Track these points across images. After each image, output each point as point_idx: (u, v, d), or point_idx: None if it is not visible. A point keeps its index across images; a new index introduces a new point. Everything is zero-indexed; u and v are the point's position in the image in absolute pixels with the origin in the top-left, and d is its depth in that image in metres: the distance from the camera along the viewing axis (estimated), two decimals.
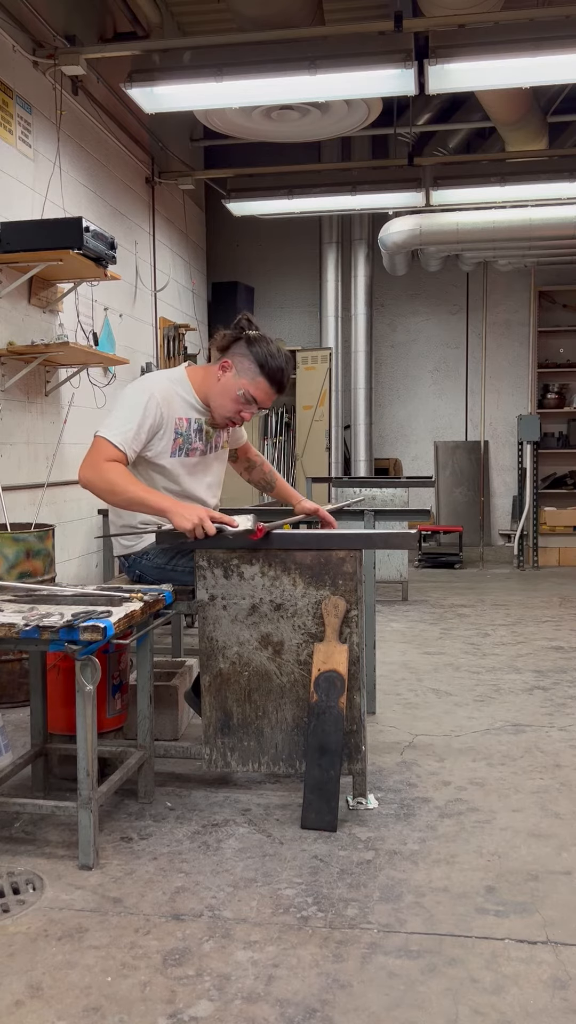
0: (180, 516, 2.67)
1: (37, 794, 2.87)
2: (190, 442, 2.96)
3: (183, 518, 2.66)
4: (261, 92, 5.02)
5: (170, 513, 2.68)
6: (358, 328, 8.80)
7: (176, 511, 2.68)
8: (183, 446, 2.94)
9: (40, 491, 4.83)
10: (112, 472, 2.74)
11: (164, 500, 2.73)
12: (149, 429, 2.83)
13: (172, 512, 2.68)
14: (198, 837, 2.58)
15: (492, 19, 4.76)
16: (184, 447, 2.94)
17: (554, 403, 8.96)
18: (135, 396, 2.86)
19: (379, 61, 4.66)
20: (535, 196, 7.26)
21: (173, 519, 2.68)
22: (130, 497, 2.73)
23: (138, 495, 2.72)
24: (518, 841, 2.55)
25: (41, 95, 5.05)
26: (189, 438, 2.95)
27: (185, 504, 2.74)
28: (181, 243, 8.00)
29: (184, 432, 2.93)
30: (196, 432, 2.98)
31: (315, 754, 2.66)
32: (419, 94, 4.95)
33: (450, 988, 1.85)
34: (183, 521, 2.65)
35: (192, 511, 2.68)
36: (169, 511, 2.69)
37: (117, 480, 2.73)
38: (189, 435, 2.95)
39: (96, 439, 2.80)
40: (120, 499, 2.76)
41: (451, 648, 5.00)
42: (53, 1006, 1.80)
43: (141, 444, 2.83)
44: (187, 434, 2.94)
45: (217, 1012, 1.78)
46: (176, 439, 2.91)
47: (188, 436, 2.95)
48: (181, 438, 2.93)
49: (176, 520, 2.67)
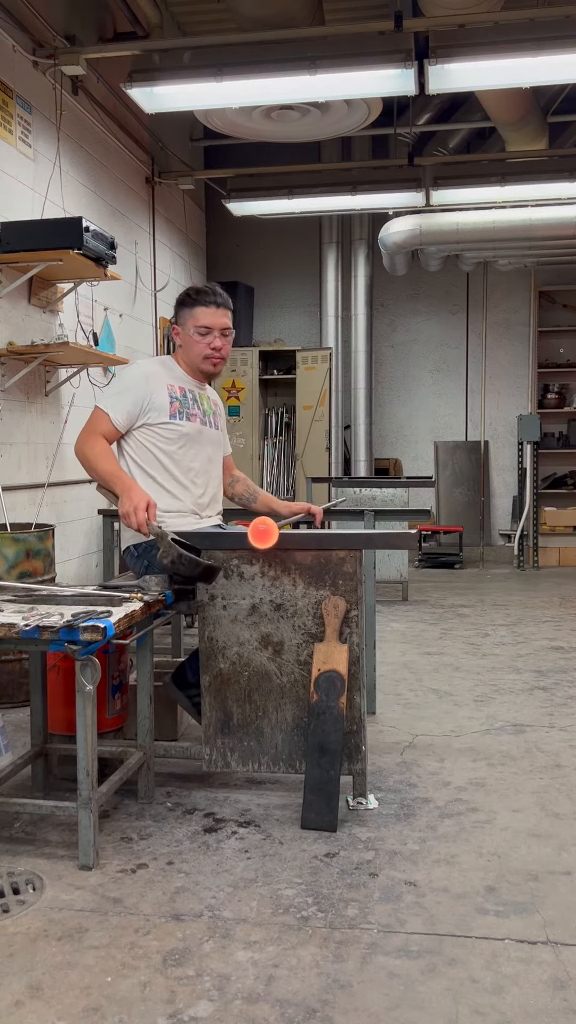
0: (124, 498, 2.80)
1: (37, 794, 2.87)
2: (187, 407, 3.10)
3: (125, 502, 2.79)
4: (261, 92, 5.02)
5: (120, 496, 2.84)
6: (358, 328, 8.80)
7: (124, 494, 2.81)
8: (181, 410, 3.08)
9: (40, 491, 4.83)
10: (94, 447, 2.95)
11: (121, 481, 2.87)
12: (133, 403, 3.01)
13: (121, 494, 2.83)
14: (198, 837, 2.58)
15: (492, 19, 4.76)
16: (183, 411, 3.08)
17: (554, 403, 8.95)
18: (129, 371, 3.18)
19: (379, 61, 4.66)
20: (535, 196, 7.25)
21: (120, 501, 2.82)
22: (99, 471, 2.92)
23: (105, 469, 2.91)
24: (518, 841, 2.55)
25: (41, 95, 5.04)
26: (186, 403, 3.11)
27: (136, 490, 2.83)
28: (181, 243, 7.99)
29: (179, 397, 3.09)
30: (192, 400, 3.14)
31: (315, 754, 2.66)
32: (419, 94, 4.95)
33: (450, 988, 1.85)
34: (122, 504, 2.80)
35: (136, 498, 2.78)
36: (120, 493, 2.84)
37: (94, 455, 2.94)
38: (185, 400, 3.10)
39: (93, 410, 3.04)
40: (92, 472, 2.97)
41: (451, 648, 5.00)
42: (53, 1006, 1.80)
43: (127, 414, 3.01)
44: (183, 399, 3.10)
45: (217, 1012, 1.78)
46: (172, 403, 3.06)
47: (184, 401, 3.10)
48: (178, 402, 3.08)
49: (120, 503, 2.82)
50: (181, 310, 3.14)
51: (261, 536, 2.69)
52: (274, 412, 8.84)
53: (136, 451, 3.05)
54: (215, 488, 3.21)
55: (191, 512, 3.07)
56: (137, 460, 3.05)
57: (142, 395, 3.01)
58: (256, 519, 2.74)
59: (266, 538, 2.69)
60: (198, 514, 3.09)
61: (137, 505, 2.76)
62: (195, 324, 3.09)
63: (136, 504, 2.76)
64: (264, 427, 8.66)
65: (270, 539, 2.69)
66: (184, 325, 3.13)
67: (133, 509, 2.76)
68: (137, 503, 2.76)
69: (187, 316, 3.11)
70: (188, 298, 3.13)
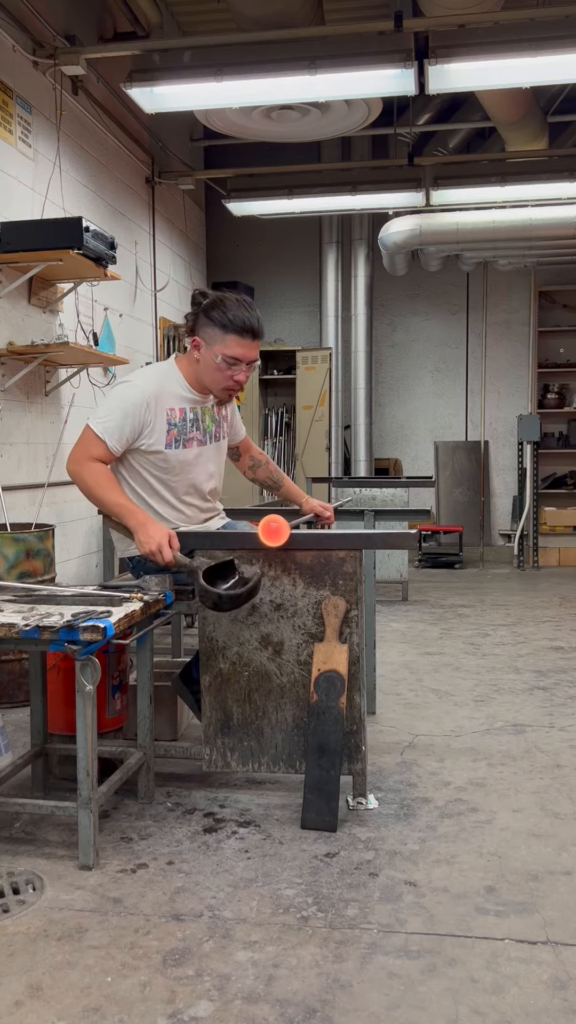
0: (143, 537, 2.63)
1: (37, 794, 2.87)
2: (185, 433, 2.91)
3: (145, 540, 2.63)
4: (261, 92, 5.02)
5: (135, 532, 2.66)
6: (358, 328, 8.80)
7: (141, 530, 2.65)
8: (179, 437, 2.89)
9: (40, 491, 4.83)
10: (93, 473, 2.76)
11: (134, 516, 2.69)
12: (131, 430, 2.80)
13: (137, 531, 2.66)
14: (198, 837, 2.58)
15: (492, 19, 4.76)
16: (180, 439, 2.90)
17: (554, 403, 8.95)
18: (124, 392, 2.84)
19: (379, 61, 4.66)
20: (535, 196, 7.26)
21: (137, 538, 2.66)
22: (105, 502, 2.74)
23: (113, 501, 2.72)
24: (518, 841, 2.55)
25: (41, 95, 5.05)
26: (184, 428, 2.91)
27: (153, 525, 2.68)
28: (181, 243, 8.00)
29: (178, 423, 2.89)
30: (192, 423, 2.93)
31: (315, 754, 2.66)
32: (419, 94, 4.95)
33: (450, 988, 1.85)
34: (143, 545, 2.63)
35: (156, 534, 2.63)
36: (135, 529, 2.66)
37: (95, 483, 2.75)
38: (184, 426, 2.91)
39: (85, 430, 2.81)
40: (97, 502, 2.78)
41: (451, 648, 5.00)
42: (53, 1006, 1.80)
43: (125, 441, 2.81)
44: (181, 425, 2.90)
45: (217, 1012, 1.78)
46: (170, 431, 2.86)
47: (183, 427, 2.90)
48: (175, 429, 2.88)
49: (138, 540, 2.65)
50: (211, 328, 2.83)
51: (272, 534, 2.67)
52: (274, 412, 8.85)
53: (128, 472, 2.92)
54: (212, 502, 3.10)
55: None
56: (129, 481, 2.92)
57: (140, 423, 2.80)
58: (267, 517, 2.70)
59: (277, 536, 2.67)
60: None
61: (161, 543, 2.61)
62: (224, 352, 2.81)
63: (160, 542, 2.61)
64: (264, 427, 8.66)
65: (281, 537, 2.67)
66: (210, 345, 2.83)
67: (158, 548, 2.60)
68: (161, 541, 2.61)
69: (216, 338, 2.82)
70: (222, 316, 2.80)
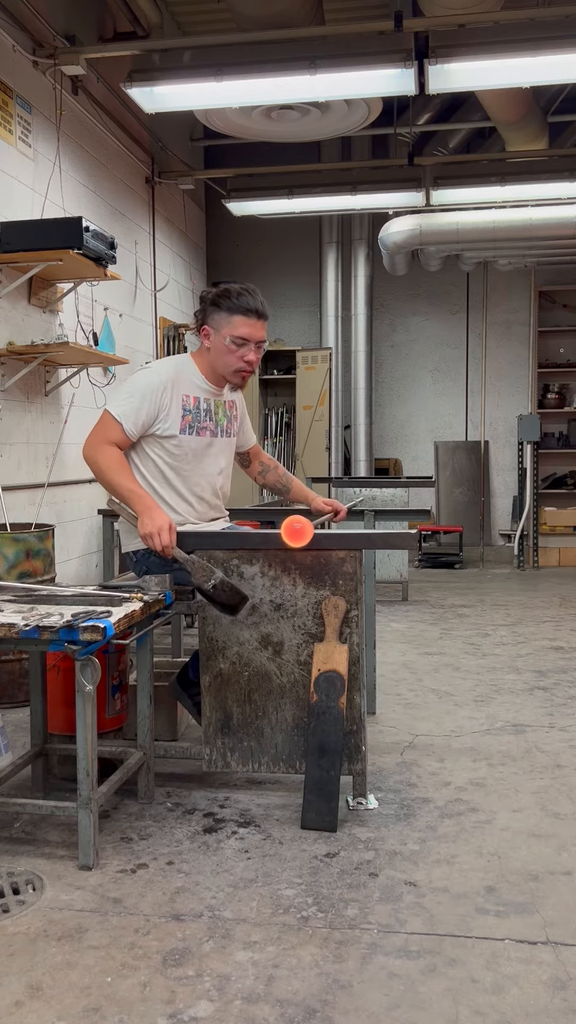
0: (146, 519, 2.69)
1: (37, 794, 2.87)
2: (199, 421, 2.98)
3: (147, 523, 2.68)
4: (261, 92, 5.02)
5: (140, 515, 2.72)
6: (358, 328, 8.80)
7: (145, 514, 2.70)
8: (192, 424, 2.95)
9: (40, 491, 4.83)
10: (108, 457, 2.82)
11: (141, 501, 2.75)
12: (147, 414, 2.86)
13: (141, 514, 2.72)
14: (198, 837, 2.58)
15: (492, 19, 4.76)
16: (194, 425, 2.96)
17: (554, 403, 8.95)
18: (142, 376, 2.94)
19: (379, 61, 4.66)
20: (535, 196, 7.26)
21: (140, 521, 2.71)
22: (115, 485, 2.80)
23: (123, 485, 2.78)
24: (518, 841, 2.55)
25: (41, 95, 5.04)
26: (198, 416, 2.97)
27: (158, 511, 2.73)
28: (181, 243, 8.00)
29: (192, 410, 2.95)
30: (206, 412, 3.00)
31: (315, 754, 2.66)
32: (419, 94, 4.95)
33: (450, 988, 1.85)
34: (144, 526, 2.69)
35: (158, 520, 2.68)
36: (140, 513, 2.72)
37: (108, 466, 2.80)
38: (198, 414, 2.97)
39: (103, 414, 2.88)
40: (108, 485, 2.84)
41: (451, 648, 5.00)
42: (53, 1006, 1.80)
43: (141, 425, 2.87)
44: (195, 412, 2.96)
45: (217, 1012, 1.78)
46: (185, 416, 2.93)
47: (197, 414, 2.97)
48: (190, 415, 2.94)
49: (140, 523, 2.71)
50: (216, 313, 2.91)
51: (296, 535, 2.66)
52: (274, 412, 8.84)
53: (141, 461, 2.96)
54: (221, 498, 3.14)
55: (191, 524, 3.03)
56: (141, 470, 2.96)
57: (158, 406, 2.87)
58: (291, 517, 2.70)
59: (301, 537, 2.67)
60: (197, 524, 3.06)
61: (161, 527, 2.66)
62: (232, 333, 2.88)
63: (159, 526, 2.66)
64: (264, 427, 8.66)
65: (304, 538, 2.67)
66: (218, 330, 2.91)
67: (156, 531, 2.66)
68: (161, 525, 2.66)
69: (223, 322, 2.90)
70: (227, 301, 2.89)
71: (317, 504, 3.33)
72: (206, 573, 2.63)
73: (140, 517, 2.72)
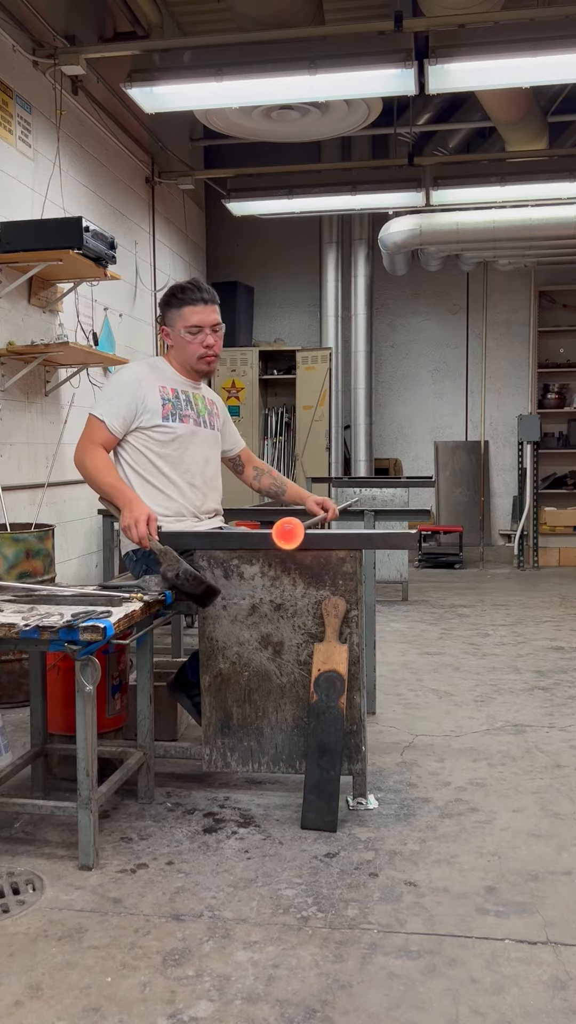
0: (125, 512, 2.80)
1: (37, 794, 2.87)
2: (180, 408, 3.08)
3: (127, 515, 2.78)
4: (261, 92, 5.02)
5: (122, 509, 2.82)
6: (358, 328, 8.79)
7: (126, 506, 2.81)
8: (174, 411, 3.06)
9: (40, 491, 4.83)
10: (94, 459, 2.93)
11: (123, 494, 2.85)
12: (127, 408, 2.97)
13: (123, 507, 2.82)
14: (198, 837, 2.58)
15: (492, 19, 4.76)
16: (175, 412, 3.07)
17: (554, 403, 8.95)
18: (118, 376, 3.10)
19: (379, 61, 4.66)
20: (535, 196, 7.25)
21: (121, 514, 2.82)
22: (100, 484, 2.90)
23: (106, 482, 2.89)
24: (518, 841, 2.55)
25: (41, 95, 5.04)
26: (178, 404, 3.08)
27: (139, 504, 2.82)
28: (181, 243, 7.99)
29: (171, 399, 3.06)
30: (185, 401, 3.11)
31: (315, 754, 2.66)
32: (419, 94, 4.94)
33: (450, 988, 1.85)
34: (123, 518, 2.79)
35: (137, 511, 2.78)
36: (122, 506, 2.82)
37: (94, 467, 2.92)
38: (177, 402, 3.08)
39: (88, 418, 3.00)
40: (93, 484, 2.96)
41: (451, 648, 5.00)
42: (53, 1006, 1.80)
43: (123, 420, 2.97)
44: (175, 400, 3.08)
45: (217, 1012, 1.78)
46: (165, 404, 3.03)
47: (176, 403, 3.08)
48: (170, 404, 3.05)
49: (121, 516, 2.81)
50: (168, 311, 3.11)
51: (287, 536, 2.67)
52: (274, 412, 8.84)
53: (131, 455, 3.03)
54: (214, 489, 3.18)
55: (191, 515, 3.05)
56: (132, 465, 3.02)
57: (135, 399, 2.98)
58: (282, 519, 2.71)
59: (292, 538, 2.67)
60: (197, 516, 3.07)
61: (138, 518, 2.75)
62: (185, 324, 3.05)
63: (137, 517, 2.75)
64: (264, 427, 8.66)
65: (296, 539, 2.68)
66: (173, 326, 3.09)
67: (134, 522, 2.75)
68: (138, 516, 2.75)
69: (175, 317, 3.07)
70: (174, 298, 3.09)
71: (310, 504, 3.36)
72: (172, 564, 2.66)
73: (121, 510, 2.82)
